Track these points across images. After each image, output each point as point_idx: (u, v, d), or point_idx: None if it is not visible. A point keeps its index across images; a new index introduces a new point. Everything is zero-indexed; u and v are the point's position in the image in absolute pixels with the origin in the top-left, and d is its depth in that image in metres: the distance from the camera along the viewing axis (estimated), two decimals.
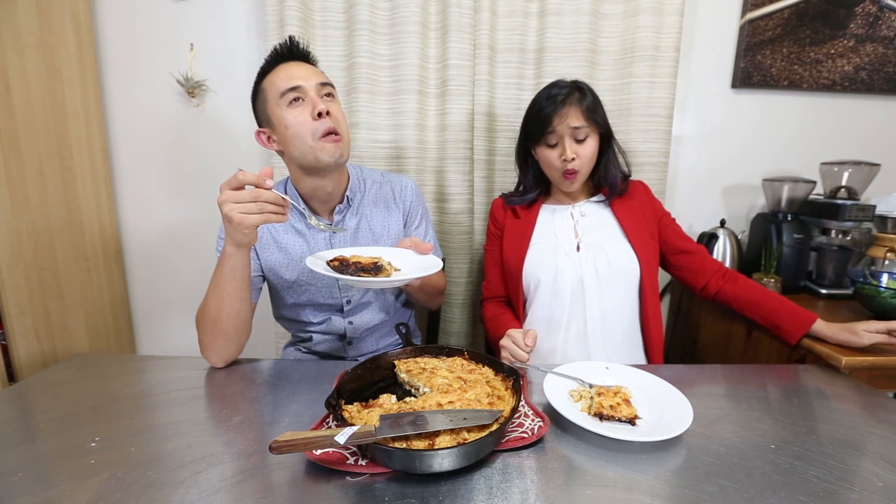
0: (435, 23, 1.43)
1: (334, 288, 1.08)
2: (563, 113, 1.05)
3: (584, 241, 1.11)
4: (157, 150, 1.56)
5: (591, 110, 1.06)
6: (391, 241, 1.09)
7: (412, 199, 1.14)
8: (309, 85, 0.94)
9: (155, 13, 1.48)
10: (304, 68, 0.96)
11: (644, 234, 1.12)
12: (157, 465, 0.63)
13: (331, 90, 0.98)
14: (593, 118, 1.06)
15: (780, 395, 0.85)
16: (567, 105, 1.05)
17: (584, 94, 1.07)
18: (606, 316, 1.08)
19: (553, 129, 1.05)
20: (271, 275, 1.07)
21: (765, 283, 1.45)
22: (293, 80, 0.93)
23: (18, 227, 1.26)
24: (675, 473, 0.63)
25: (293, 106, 0.93)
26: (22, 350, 1.27)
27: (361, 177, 1.12)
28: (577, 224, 1.14)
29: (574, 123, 1.04)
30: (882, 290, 1.19)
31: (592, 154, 1.08)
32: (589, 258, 1.08)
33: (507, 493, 0.58)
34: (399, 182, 1.14)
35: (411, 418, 0.65)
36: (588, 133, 1.06)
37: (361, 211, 1.09)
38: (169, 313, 1.68)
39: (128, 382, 0.88)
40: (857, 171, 1.46)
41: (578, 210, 1.16)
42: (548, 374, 0.83)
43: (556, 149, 1.08)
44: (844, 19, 1.56)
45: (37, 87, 1.29)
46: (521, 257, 1.14)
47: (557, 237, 1.14)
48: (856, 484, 0.60)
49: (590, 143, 1.07)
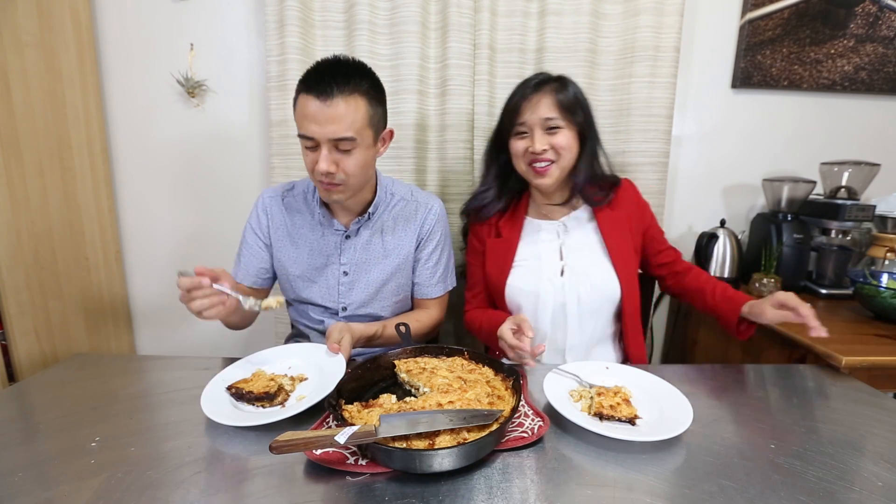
0: (435, 22, 1.43)
1: (333, 291, 1.09)
2: (535, 101, 0.98)
3: (568, 264, 1.06)
4: (156, 150, 1.56)
5: (568, 104, 0.99)
6: (400, 259, 1.09)
7: (432, 224, 1.11)
8: (321, 138, 0.89)
9: (155, 13, 1.48)
10: (325, 111, 0.87)
11: (628, 251, 1.07)
12: (157, 465, 0.63)
13: (349, 145, 0.90)
14: (566, 107, 0.98)
15: (780, 395, 0.86)
16: (539, 93, 0.98)
17: (563, 86, 1.00)
18: (586, 338, 1.07)
19: (523, 119, 0.99)
20: (279, 266, 1.11)
21: (765, 283, 1.45)
22: (308, 129, 0.89)
23: (18, 227, 1.26)
24: (675, 473, 0.63)
25: (308, 148, 0.93)
26: (22, 350, 1.27)
27: (391, 190, 1.10)
28: (563, 244, 1.08)
29: (545, 114, 0.98)
30: (882, 290, 1.19)
31: (568, 146, 1.00)
32: (573, 284, 1.04)
33: (507, 493, 0.58)
34: (425, 203, 1.12)
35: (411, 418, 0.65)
36: (561, 125, 0.99)
37: (379, 225, 1.08)
38: (169, 313, 1.67)
39: (128, 382, 0.88)
40: (857, 171, 1.46)
41: (563, 227, 1.10)
42: (548, 373, 0.83)
43: (524, 139, 1.02)
44: (844, 19, 1.56)
45: (37, 87, 1.29)
46: (503, 280, 1.09)
47: (542, 259, 1.08)
48: (856, 484, 0.60)
49: (562, 135, 0.99)
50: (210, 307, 0.80)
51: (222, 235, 1.59)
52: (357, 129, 0.90)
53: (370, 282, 1.08)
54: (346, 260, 1.07)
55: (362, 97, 0.91)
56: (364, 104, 0.91)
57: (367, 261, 1.08)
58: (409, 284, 1.14)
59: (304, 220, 1.08)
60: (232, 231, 1.21)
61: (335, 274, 1.08)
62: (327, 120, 0.88)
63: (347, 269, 1.08)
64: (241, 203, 1.53)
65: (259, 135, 1.54)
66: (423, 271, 1.13)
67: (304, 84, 0.90)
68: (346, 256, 1.07)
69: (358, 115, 0.90)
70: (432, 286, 1.14)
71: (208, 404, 0.75)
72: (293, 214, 1.09)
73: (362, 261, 1.08)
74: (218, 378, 0.82)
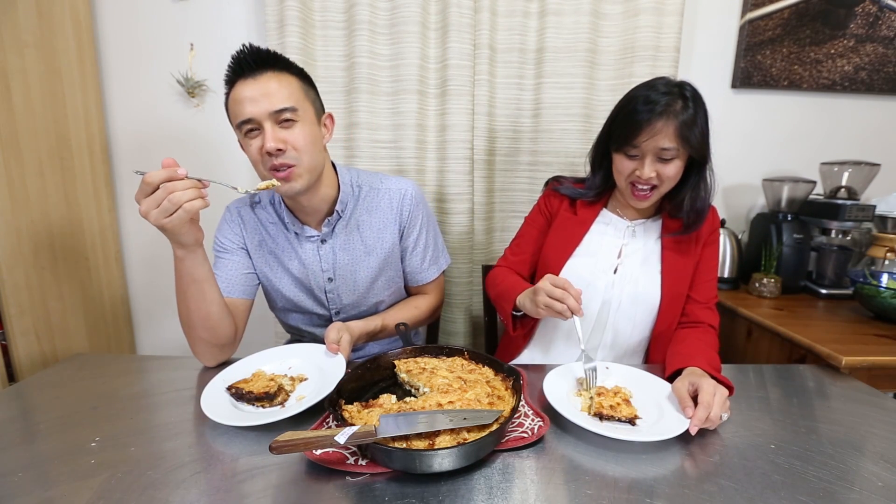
0: (435, 23, 1.43)
1: (322, 298, 1.06)
2: (655, 128, 0.88)
3: (623, 263, 1.02)
4: (157, 150, 1.56)
5: (688, 126, 0.88)
6: (385, 253, 1.05)
7: (410, 208, 1.06)
8: (261, 115, 0.84)
9: (155, 13, 1.48)
10: (259, 87, 0.84)
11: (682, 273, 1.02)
12: (157, 465, 0.63)
13: (290, 115, 0.86)
14: (687, 137, 0.88)
15: (780, 395, 0.86)
16: (661, 119, 0.88)
17: (686, 104, 0.89)
18: (620, 341, 1.04)
19: (638, 143, 0.90)
20: (262, 277, 1.06)
21: (765, 283, 1.45)
22: (245, 111, 0.84)
23: (18, 226, 1.26)
24: (675, 473, 0.63)
25: (250, 136, 0.87)
26: (22, 350, 1.27)
27: (356, 183, 1.04)
28: (625, 245, 1.04)
29: (663, 144, 0.89)
30: (882, 290, 1.19)
31: (675, 176, 0.93)
32: (621, 284, 1.01)
33: (507, 493, 0.58)
34: (398, 189, 1.05)
35: (411, 418, 0.65)
36: (676, 155, 0.91)
37: (354, 222, 1.03)
38: (169, 313, 1.67)
39: (128, 382, 0.88)
40: (857, 171, 1.46)
41: (631, 230, 1.05)
42: (547, 374, 0.83)
43: (633, 161, 0.93)
44: (844, 19, 1.56)
45: (37, 87, 1.29)
46: (562, 263, 1.05)
47: (600, 251, 1.04)
48: (856, 484, 0.60)
49: (673, 166, 0.92)
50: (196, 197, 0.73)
51: None
52: (295, 99, 0.87)
53: (358, 283, 1.04)
54: (327, 266, 1.03)
55: (292, 75, 0.89)
56: (295, 80, 0.89)
57: (351, 262, 1.03)
58: (399, 276, 1.11)
59: (278, 230, 1.03)
60: None
61: (319, 282, 1.04)
62: (262, 96, 0.84)
63: (331, 274, 1.03)
64: None
65: None
66: (413, 259, 1.09)
67: (229, 75, 0.87)
68: (327, 262, 1.03)
69: (293, 88, 0.87)
70: (425, 271, 1.11)
71: (208, 404, 0.75)
72: (266, 225, 1.03)
73: (345, 263, 1.03)
74: (218, 378, 0.82)
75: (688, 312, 1.02)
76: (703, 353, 0.86)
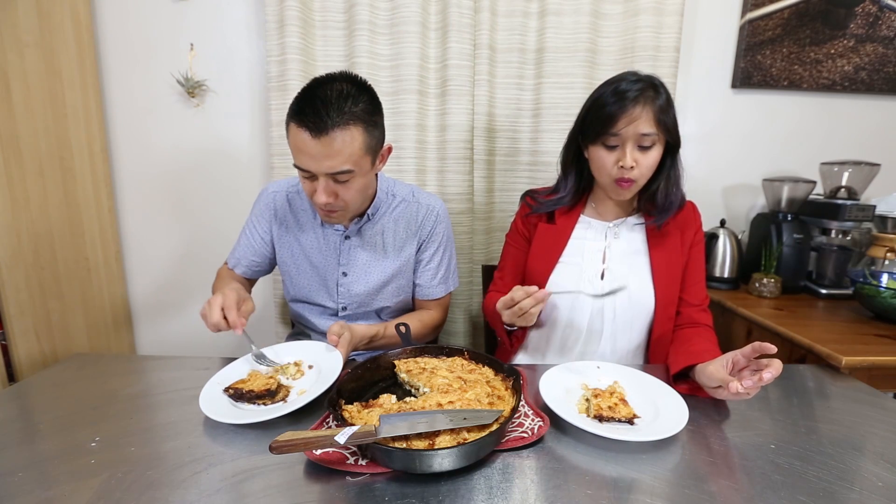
0: (435, 23, 1.43)
1: (333, 291, 1.09)
2: (633, 115, 0.89)
3: (609, 268, 1.02)
4: (157, 150, 1.56)
5: (664, 112, 0.91)
6: (401, 261, 1.09)
7: (433, 224, 1.10)
8: (319, 173, 0.86)
9: (155, 13, 1.48)
10: (320, 148, 0.83)
11: (672, 270, 1.02)
12: (157, 465, 0.63)
13: (347, 176, 0.87)
14: (664, 123, 0.91)
15: (780, 395, 0.86)
16: (638, 105, 0.89)
17: (658, 92, 0.91)
18: (618, 346, 1.04)
19: (617, 131, 0.91)
20: (280, 262, 1.12)
21: (765, 283, 1.45)
22: (303, 163, 0.86)
23: (18, 227, 1.26)
24: (675, 473, 0.63)
25: (304, 176, 0.90)
26: (22, 350, 1.27)
27: (391, 191, 1.09)
28: (608, 247, 1.04)
29: (643, 129, 0.90)
30: (882, 290, 1.19)
31: (654, 164, 0.95)
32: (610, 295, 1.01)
33: (507, 493, 0.58)
34: (426, 205, 1.10)
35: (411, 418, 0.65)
36: (655, 141, 0.92)
37: (380, 227, 1.08)
38: (169, 313, 1.68)
39: (128, 382, 0.88)
40: (857, 171, 1.46)
41: (613, 231, 1.05)
42: (543, 374, 0.83)
43: (613, 152, 0.94)
44: (844, 19, 1.56)
45: (37, 87, 1.29)
46: (546, 275, 1.05)
47: (584, 258, 1.04)
48: (856, 484, 0.60)
49: (654, 153, 0.93)
50: None
51: (222, 235, 1.59)
52: (355, 160, 0.86)
53: (370, 283, 1.08)
54: (345, 261, 1.07)
55: (358, 126, 0.85)
56: (360, 132, 0.86)
57: (367, 262, 1.08)
58: (409, 286, 1.14)
59: (307, 218, 1.08)
60: (232, 230, 1.21)
61: (334, 274, 1.08)
62: (323, 156, 0.84)
63: (346, 269, 1.08)
64: (240, 203, 1.54)
65: (259, 135, 1.54)
66: (425, 273, 1.12)
67: (295, 115, 0.84)
68: (346, 257, 1.07)
69: (355, 146, 0.85)
70: (434, 287, 1.14)
71: (207, 404, 0.75)
72: (297, 213, 1.09)
73: (362, 262, 1.08)
74: (213, 380, 0.82)
75: (684, 315, 1.02)
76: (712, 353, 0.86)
